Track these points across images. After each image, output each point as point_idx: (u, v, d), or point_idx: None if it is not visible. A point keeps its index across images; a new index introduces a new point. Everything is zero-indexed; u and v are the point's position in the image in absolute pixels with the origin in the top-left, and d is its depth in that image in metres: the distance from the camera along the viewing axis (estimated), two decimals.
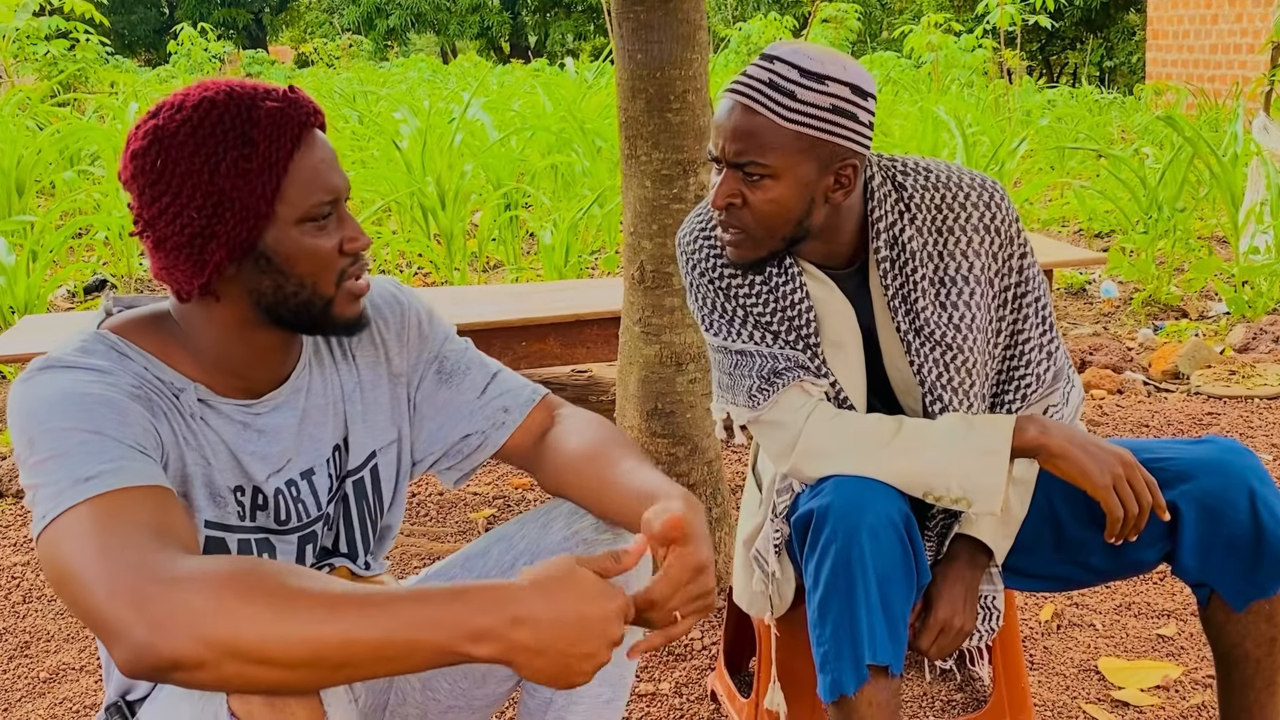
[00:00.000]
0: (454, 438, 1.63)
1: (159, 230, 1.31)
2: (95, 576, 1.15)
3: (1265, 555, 1.71)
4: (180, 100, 1.31)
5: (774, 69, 1.63)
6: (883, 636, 1.64)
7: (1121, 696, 2.32)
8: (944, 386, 1.77)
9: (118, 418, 1.28)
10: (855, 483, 1.69)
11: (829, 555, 1.65)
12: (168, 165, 1.29)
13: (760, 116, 1.62)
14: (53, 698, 2.45)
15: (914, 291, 1.75)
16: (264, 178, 1.30)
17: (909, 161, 1.80)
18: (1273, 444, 3.65)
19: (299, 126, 1.33)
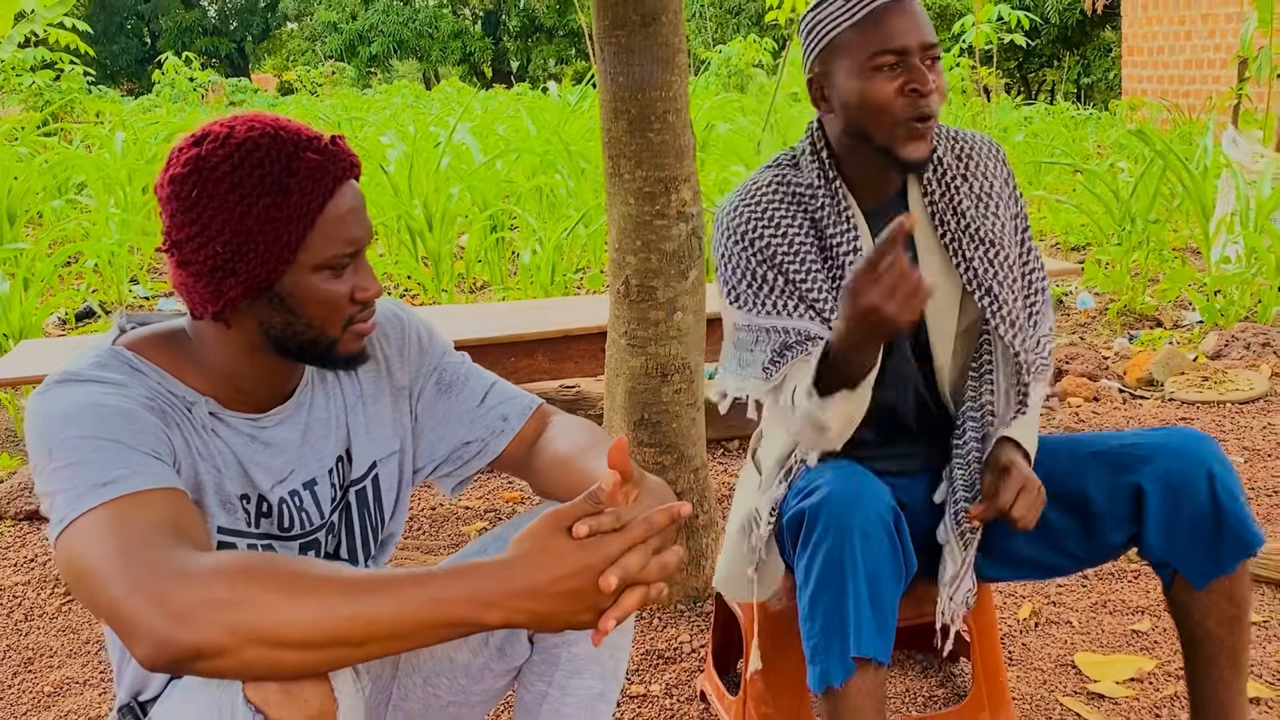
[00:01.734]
0: (454, 445, 1.70)
1: (184, 253, 1.38)
2: (115, 574, 1.21)
3: (1225, 534, 1.80)
4: (225, 133, 1.36)
5: None
6: (870, 630, 1.71)
7: (1097, 689, 2.39)
8: (992, 279, 1.88)
9: (133, 427, 1.35)
10: (847, 483, 1.76)
11: (820, 553, 1.73)
12: (203, 197, 1.35)
13: (919, 3, 1.78)
14: (58, 710, 2.51)
15: (957, 197, 1.89)
16: (292, 227, 1.36)
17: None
18: (1244, 446, 3.74)
19: (334, 180, 1.38)
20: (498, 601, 1.24)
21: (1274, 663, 2.45)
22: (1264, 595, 2.75)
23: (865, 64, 1.78)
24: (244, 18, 43.05)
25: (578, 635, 1.60)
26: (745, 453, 3.82)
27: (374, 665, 1.64)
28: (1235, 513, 1.81)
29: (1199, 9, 17.51)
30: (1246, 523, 1.82)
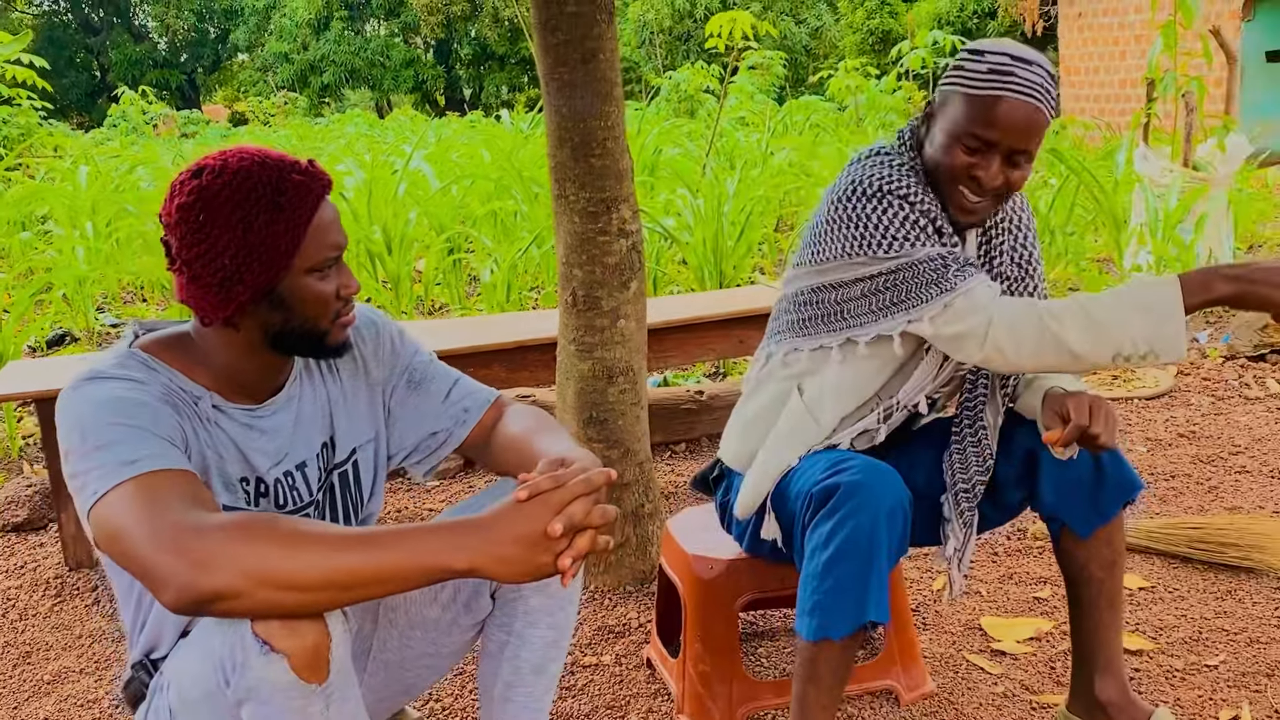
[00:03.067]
0: (423, 435, 1.96)
1: (194, 270, 1.64)
2: (144, 535, 1.47)
3: (1104, 487, 2.10)
4: (220, 165, 1.62)
5: (1036, 72, 1.98)
6: (882, 600, 1.95)
7: (1000, 647, 2.68)
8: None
9: (153, 417, 1.61)
10: (876, 469, 1.98)
11: (848, 524, 1.93)
12: (208, 220, 1.61)
13: (1043, 114, 1.99)
14: (57, 696, 2.73)
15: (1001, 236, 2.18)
16: (288, 237, 1.62)
17: None
18: (1148, 438, 4.07)
19: (316, 196, 1.65)
20: (466, 549, 1.50)
21: (1156, 621, 2.75)
22: (1154, 564, 3.06)
23: (959, 131, 2.02)
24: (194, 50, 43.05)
25: (533, 590, 1.86)
26: (690, 454, 4.10)
27: (357, 616, 1.90)
28: (1117, 467, 2.11)
29: (1132, 31, 18.11)
30: (1126, 471, 2.12)
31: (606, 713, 2.50)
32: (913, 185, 2.07)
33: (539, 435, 1.87)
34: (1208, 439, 4.02)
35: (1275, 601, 2.81)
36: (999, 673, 2.56)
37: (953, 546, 2.20)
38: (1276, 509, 3.35)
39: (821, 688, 2.02)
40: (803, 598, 2.01)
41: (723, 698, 2.39)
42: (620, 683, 2.62)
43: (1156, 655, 2.59)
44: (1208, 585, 2.92)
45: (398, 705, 2.03)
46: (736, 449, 2.31)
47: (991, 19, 23.23)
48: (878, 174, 2.08)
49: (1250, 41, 16.80)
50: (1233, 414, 4.28)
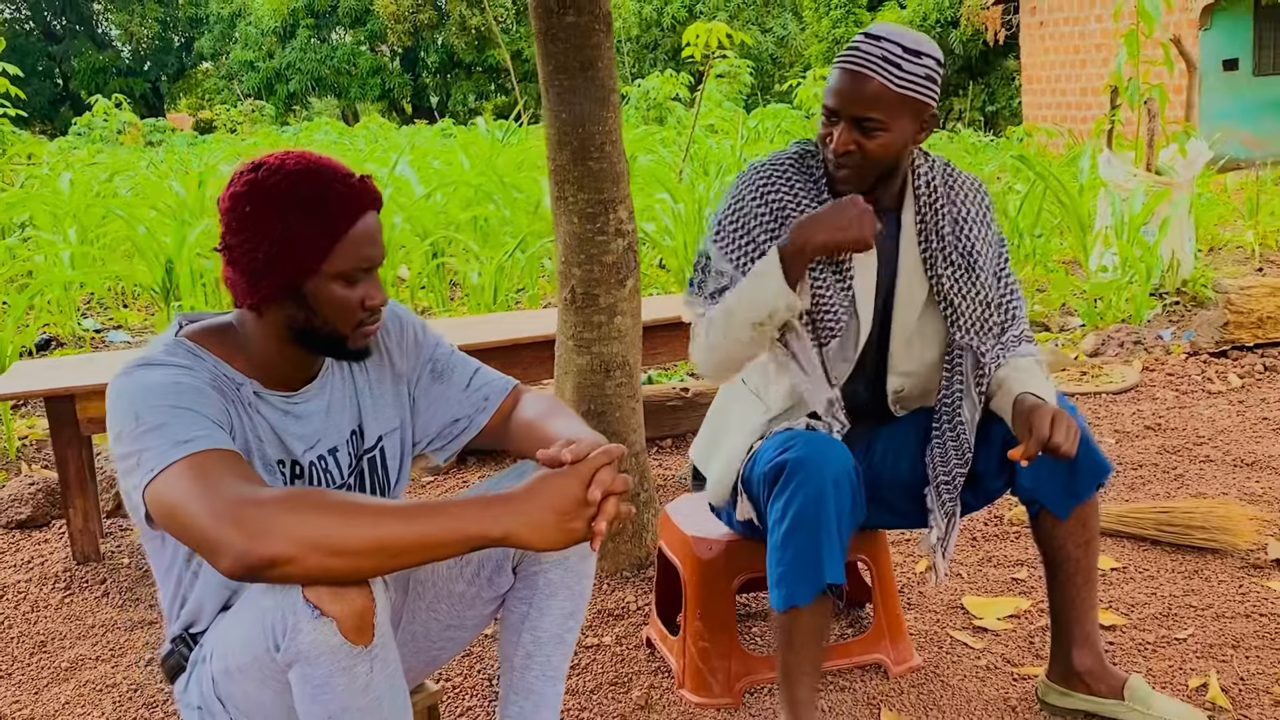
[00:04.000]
0: (445, 422, 2.08)
1: (233, 254, 1.76)
2: (201, 509, 1.58)
3: (1078, 471, 2.24)
4: (278, 164, 1.74)
5: (882, 46, 2.14)
6: (838, 563, 2.10)
7: (981, 624, 2.83)
8: (961, 295, 2.29)
9: (202, 400, 1.72)
10: (820, 442, 2.14)
11: (798, 496, 2.10)
12: (255, 212, 1.73)
13: (876, 82, 2.13)
14: (76, 681, 2.83)
15: (939, 220, 2.29)
16: (320, 243, 1.73)
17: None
18: (1115, 430, 4.24)
19: (358, 209, 1.76)
20: (502, 519, 1.63)
21: (1128, 599, 2.91)
22: (1125, 546, 3.22)
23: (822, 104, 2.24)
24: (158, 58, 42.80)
25: (552, 565, 1.98)
26: (677, 449, 4.23)
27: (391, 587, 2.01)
28: (1089, 452, 2.25)
29: (1092, 40, 18.44)
30: (1097, 456, 2.27)
31: (610, 689, 2.62)
32: (792, 182, 2.29)
33: (552, 419, 2.00)
34: (1173, 431, 4.19)
35: (1239, 579, 2.97)
36: (981, 647, 2.71)
37: (935, 535, 2.34)
38: (1239, 495, 3.52)
39: (800, 653, 2.17)
40: (770, 572, 2.17)
41: (722, 672, 2.52)
42: (622, 661, 2.75)
43: (1129, 630, 2.74)
44: (1176, 565, 3.08)
45: (421, 677, 2.15)
46: (700, 445, 2.50)
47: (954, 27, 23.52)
48: (764, 165, 2.34)
49: (1208, 50, 17.15)
50: (1196, 407, 4.47)
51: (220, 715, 1.83)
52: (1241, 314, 4.90)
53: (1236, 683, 2.47)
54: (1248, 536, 3.13)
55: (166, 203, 7.73)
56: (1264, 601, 2.83)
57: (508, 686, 2.04)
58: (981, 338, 2.30)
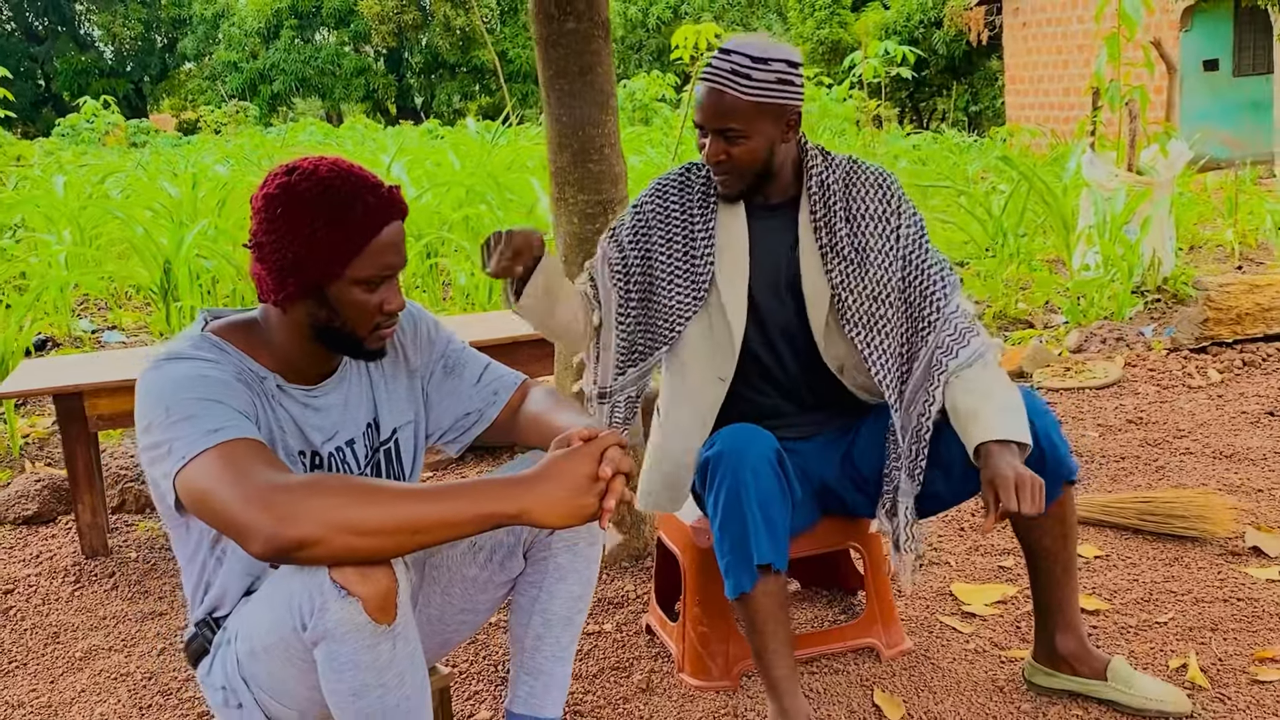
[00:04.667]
0: (457, 416, 2.17)
1: (262, 251, 1.84)
2: (231, 495, 1.66)
3: (1050, 469, 2.32)
4: (311, 169, 1.81)
5: (731, 59, 2.27)
6: (766, 544, 2.22)
7: (969, 610, 2.93)
8: (848, 289, 2.39)
9: (229, 392, 1.81)
10: (738, 435, 2.27)
11: (722, 490, 2.24)
12: (285, 213, 1.80)
13: (729, 95, 2.26)
14: (90, 670, 2.90)
15: (832, 216, 2.40)
16: (345, 249, 1.81)
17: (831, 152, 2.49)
18: (1098, 424, 4.35)
19: (383, 219, 1.83)
20: (518, 498, 1.72)
21: (1111, 585, 3.01)
22: (1108, 535, 3.32)
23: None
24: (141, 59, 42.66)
25: (561, 549, 2.07)
26: None
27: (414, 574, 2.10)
28: (1055, 454, 2.34)
29: (1074, 40, 18.61)
30: (1065, 458, 2.36)
31: (613, 673, 2.71)
32: (656, 192, 2.49)
33: (559, 412, 2.09)
34: (1154, 424, 4.30)
35: (1218, 566, 3.08)
36: (970, 632, 2.81)
37: (895, 541, 2.44)
38: (1218, 485, 3.62)
39: (764, 634, 2.28)
40: (719, 565, 2.29)
41: (720, 656, 2.61)
42: (623, 647, 2.84)
43: (1111, 614, 2.85)
44: (1157, 553, 3.19)
45: (434, 659, 2.23)
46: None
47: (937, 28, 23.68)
48: (660, 179, 2.53)
49: (1188, 51, 17.34)
50: (1177, 402, 4.58)
51: (244, 695, 1.92)
52: (1220, 311, 5.02)
53: (1215, 663, 2.57)
54: (1226, 525, 3.24)
55: (161, 203, 7.79)
56: (1241, 586, 2.94)
57: (518, 667, 2.13)
58: (871, 333, 2.40)
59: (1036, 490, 2.13)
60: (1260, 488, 3.60)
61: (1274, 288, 5.06)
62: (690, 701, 2.55)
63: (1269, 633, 2.69)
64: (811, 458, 2.52)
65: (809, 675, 2.63)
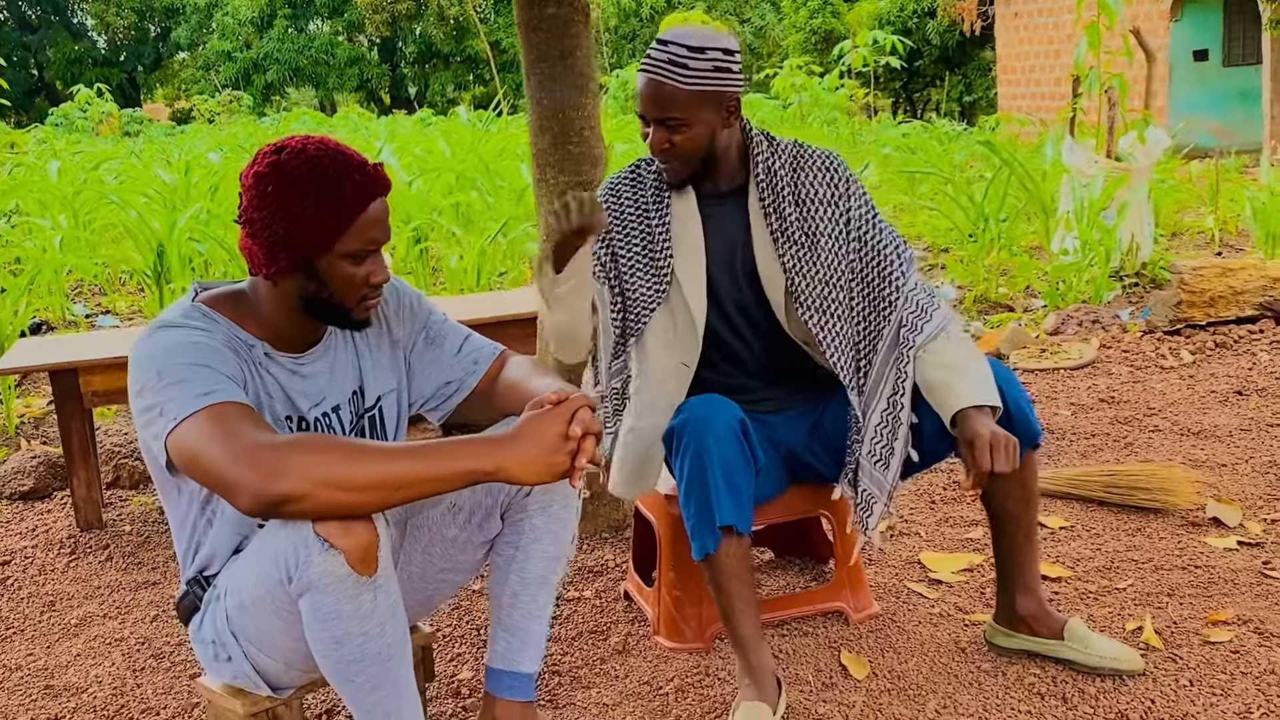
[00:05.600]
0: (438, 385, 2.26)
1: (253, 226, 1.93)
2: (220, 453, 1.76)
3: (1019, 431, 2.39)
4: (300, 148, 1.90)
5: (668, 49, 2.35)
6: (729, 506, 2.31)
7: (936, 577, 3.03)
8: (800, 274, 2.47)
9: (219, 358, 1.90)
10: (702, 404, 2.37)
11: (687, 455, 2.33)
12: (275, 191, 1.89)
13: (668, 85, 2.34)
14: (85, 637, 3.00)
15: (781, 202, 2.48)
16: (334, 224, 1.90)
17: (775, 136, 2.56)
18: (1071, 403, 4.45)
19: (370, 195, 1.92)
20: (493, 456, 1.82)
21: (1074, 554, 3.11)
22: (1074, 507, 3.43)
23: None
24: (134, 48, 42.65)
25: (536, 511, 2.17)
26: None
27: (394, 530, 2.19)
28: (1023, 417, 2.44)
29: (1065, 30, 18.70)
30: (1032, 422, 2.46)
31: (591, 636, 2.81)
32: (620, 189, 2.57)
33: (535, 378, 2.19)
34: (1125, 403, 4.41)
35: (1178, 536, 3.18)
36: (936, 597, 2.91)
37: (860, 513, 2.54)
38: (1184, 460, 3.73)
39: (730, 594, 2.37)
40: (686, 528, 2.38)
41: (694, 619, 2.71)
42: (601, 612, 2.94)
43: (1073, 581, 2.95)
44: (1120, 524, 3.29)
45: (417, 617, 2.33)
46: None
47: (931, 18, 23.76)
48: (615, 174, 2.60)
49: (1178, 41, 17.45)
50: (1149, 381, 4.68)
51: (233, 648, 2.02)
52: (1194, 293, 5.13)
53: (1169, 626, 2.68)
54: (1188, 497, 3.34)
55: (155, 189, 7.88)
56: (1200, 555, 3.04)
57: (496, 624, 2.22)
58: (823, 316, 2.48)
59: (1011, 449, 2.25)
60: (1224, 462, 3.70)
61: (1246, 271, 5.17)
62: (664, 662, 2.65)
63: (1223, 597, 2.80)
64: (780, 428, 2.62)
65: (779, 638, 2.73)
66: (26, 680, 2.77)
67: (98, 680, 2.74)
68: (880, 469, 2.48)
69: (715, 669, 2.60)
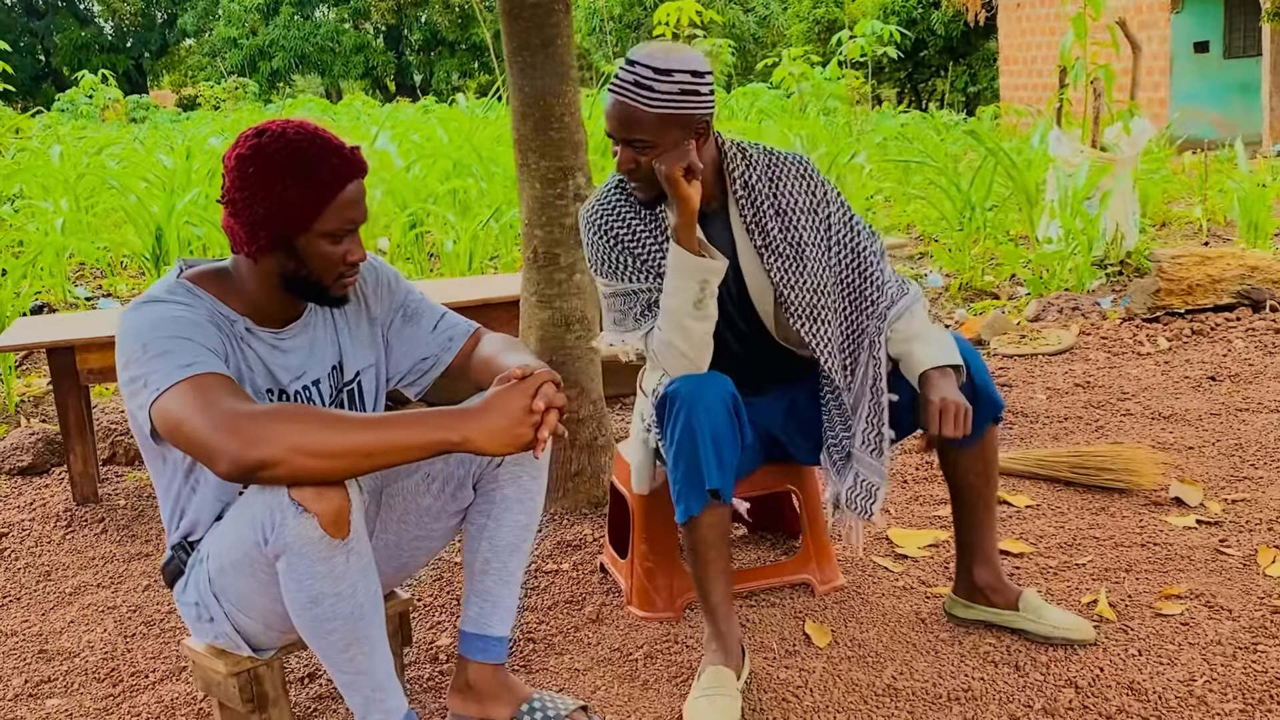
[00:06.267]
0: (415, 360, 2.36)
1: (235, 206, 2.03)
2: (201, 421, 1.86)
3: (979, 408, 2.50)
4: (280, 131, 1.99)
5: (635, 71, 2.36)
6: (716, 472, 2.39)
7: (903, 552, 3.13)
8: (789, 285, 2.52)
9: (201, 332, 2.00)
10: (695, 376, 2.45)
11: (679, 420, 2.40)
12: (256, 172, 1.98)
13: (633, 107, 2.35)
14: (79, 604, 3.10)
15: (762, 216, 2.52)
16: (312, 205, 1.99)
17: (747, 142, 2.60)
18: (1047, 387, 4.54)
19: (347, 177, 2.01)
20: (459, 427, 1.92)
21: (1038, 531, 3.21)
22: (1041, 487, 3.52)
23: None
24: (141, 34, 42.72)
25: (507, 481, 2.26)
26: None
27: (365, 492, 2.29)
28: (986, 391, 2.53)
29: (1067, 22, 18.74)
30: (994, 396, 2.55)
31: (567, 606, 2.91)
32: (619, 211, 2.53)
33: (506, 354, 2.29)
34: (1100, 388, 4.50)
35: (1140, 515, 3.27)
36: (901, 571, 3.01)
37: (832, 491, 2.62)
38: (1152, 443, 3.82)
39: (706, 561, 2.46)
40: (672, 492, 2.46)
41: (665, 589, 2.81)
42: (578, 584, 3.04)
43: (1035, 556, 3.04)
44: (1085, 503, 3.38)
45: (393, 584, 2.43)
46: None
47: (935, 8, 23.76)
48: (594, 204, 2.57)
49: (1179, 32, 17.47)
50: (1125, 367, 4.77)
51: (214, 608, 2.12)
52: (1173, 281, 5.21)
53: (1124, 599, 2.77)
54: (1153, 478, 3.43)
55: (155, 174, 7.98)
56: (1159, 533, 3.13)
57: (469, 590, 2.32)
58: (814, 324, 2.53)
59: (963, 415, 2.35)
60: (1191, 445, 3.80)
61: (1224, 260, 5.26)
62: (635, 630, 2.75)
63: (1178, 573, 2.89)
64: (759, 409, 2.71)
65: (747, 608, 2.83)
66: (22, 645, 2.87)
67: (90, 645, 2.84)
68: (875, 457, 2.55)
69: (684, 637, 2.70)
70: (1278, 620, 2.61)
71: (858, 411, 2.56)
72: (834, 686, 2.45)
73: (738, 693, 2.37)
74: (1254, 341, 4.98)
